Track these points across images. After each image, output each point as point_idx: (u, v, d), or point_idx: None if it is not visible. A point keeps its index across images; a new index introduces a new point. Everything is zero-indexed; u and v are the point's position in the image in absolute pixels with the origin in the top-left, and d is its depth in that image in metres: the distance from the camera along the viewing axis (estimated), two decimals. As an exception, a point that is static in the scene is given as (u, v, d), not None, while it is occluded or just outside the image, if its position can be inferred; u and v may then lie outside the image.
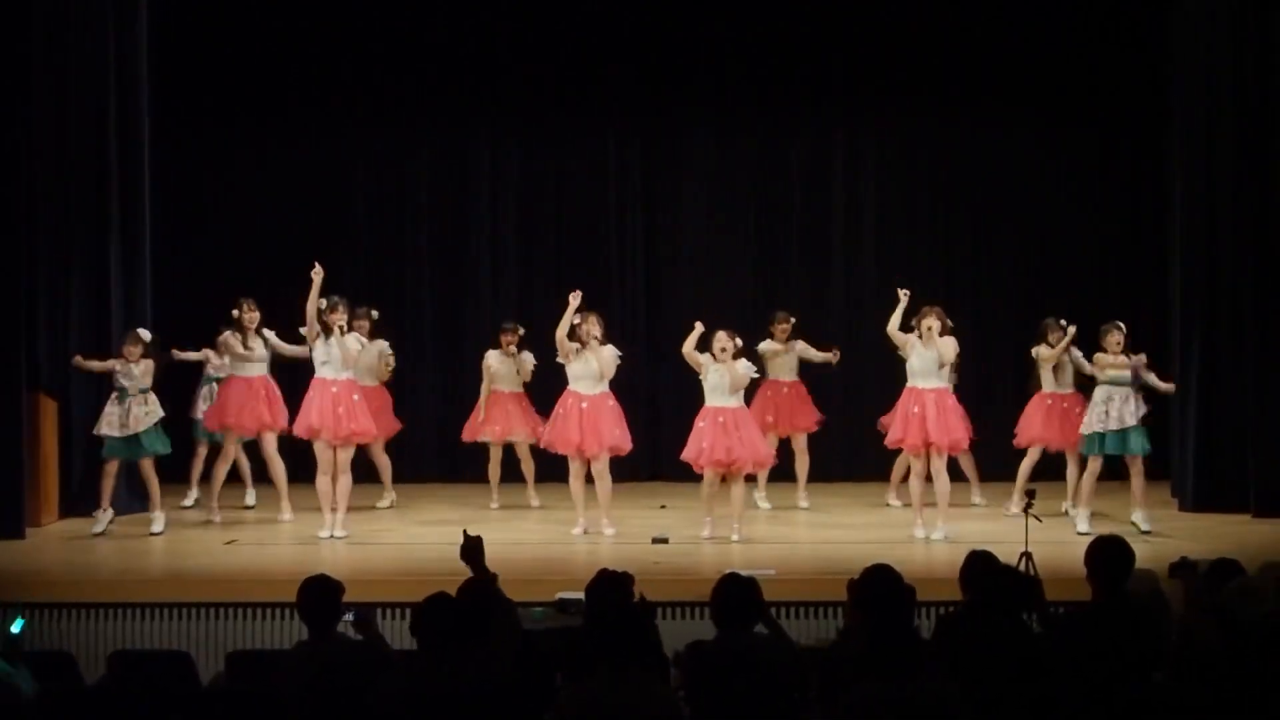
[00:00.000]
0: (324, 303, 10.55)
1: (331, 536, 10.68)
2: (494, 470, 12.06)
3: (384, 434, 11.87)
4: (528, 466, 12.08)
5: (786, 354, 11.85)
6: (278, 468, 11.33)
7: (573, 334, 10.65)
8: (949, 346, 10.48)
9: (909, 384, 10.56)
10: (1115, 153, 13.64)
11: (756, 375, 10.76)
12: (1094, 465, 10.73)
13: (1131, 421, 10.58)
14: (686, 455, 10.56)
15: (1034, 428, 11.35)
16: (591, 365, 10.68)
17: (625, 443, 10.82)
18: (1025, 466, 11.37)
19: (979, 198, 13.84)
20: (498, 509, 11.91)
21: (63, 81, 11.67)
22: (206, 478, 11.95)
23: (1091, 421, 10.66)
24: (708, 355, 10.41)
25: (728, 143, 13.97)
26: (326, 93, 13.77)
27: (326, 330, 10.54)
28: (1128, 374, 10.64)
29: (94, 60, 11.81)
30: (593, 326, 10.66)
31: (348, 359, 10.64)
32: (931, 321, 10.39)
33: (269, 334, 11.36)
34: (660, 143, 14.01)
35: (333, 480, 10.70)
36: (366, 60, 13.82)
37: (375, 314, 11.81)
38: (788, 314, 11.97)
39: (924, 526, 10.47)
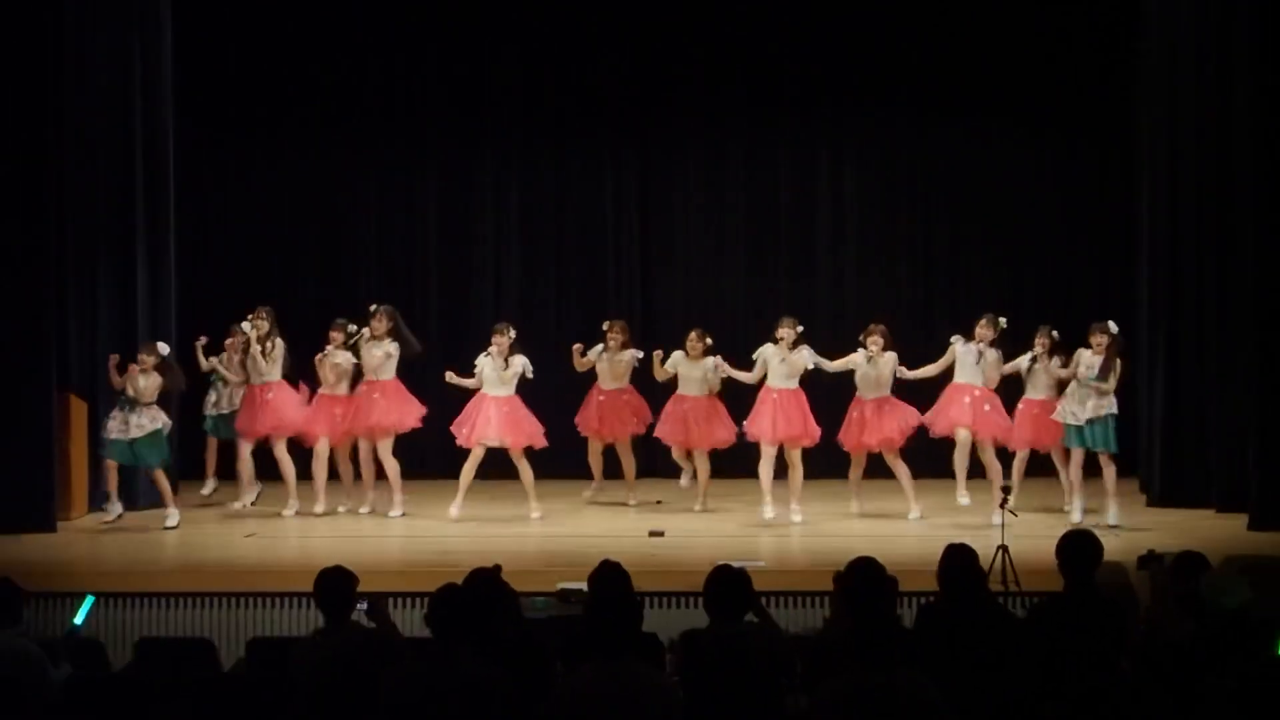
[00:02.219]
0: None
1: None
2: (465, 473, 11.48)
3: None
4: (525, 474, 11.52)
5: (783, 361, 11.26)
6: (287, 467, 11.69)
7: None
8: (891, 361, 11.29)
9: (858, 394, 11.36)
10: (1088, 158, 13.82)
11: (720, 374, 11.51)
12: (1076, 456, 10.96)
13: (1088, 416, 10.82)
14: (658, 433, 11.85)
15: (1025, 433, 11.35)
16: (612, 367, 11.79)
17: (639, 427, 11.98)
18: (1016, 467, 11.46)
19: (959, 203, 13.99)
20: (457, 516, 11.43)
21: (92, 96, 11.90)
22: (219, 469, 12.37)
23: (1064, 413, 10.91)
24: (679, 353, 11.49)
25: (717, 155, 14.19)
26: (343, 111, 14.06)
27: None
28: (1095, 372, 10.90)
29: (121, 75, 12.08)
30: (616, 335, 11.80)
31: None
32: (878, 339, 11.19)
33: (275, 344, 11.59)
34: (653, 157, 14.23)
35: (328, 472, 11.77)
36: (382, 81, 14.17)
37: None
38: (795, 320, 11.40)
39: (859, 500, 11.55)
